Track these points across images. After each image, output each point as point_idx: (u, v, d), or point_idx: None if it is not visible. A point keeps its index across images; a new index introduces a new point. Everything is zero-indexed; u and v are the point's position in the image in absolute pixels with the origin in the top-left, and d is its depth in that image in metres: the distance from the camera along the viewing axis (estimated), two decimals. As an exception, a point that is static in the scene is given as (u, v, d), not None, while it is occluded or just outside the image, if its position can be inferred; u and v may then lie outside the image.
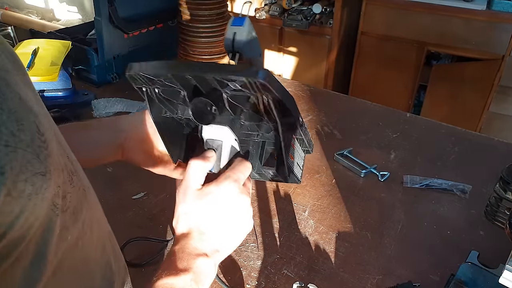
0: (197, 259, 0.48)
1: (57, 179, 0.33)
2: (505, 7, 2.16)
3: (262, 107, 0.49)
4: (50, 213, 0.32)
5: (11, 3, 3.53)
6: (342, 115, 1.34)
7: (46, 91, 1.29)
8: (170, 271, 0.46)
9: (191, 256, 0.48)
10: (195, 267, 0.47)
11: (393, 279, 0.79)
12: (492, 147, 1.19)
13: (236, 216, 0.51)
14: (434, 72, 2.47)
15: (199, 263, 0.48)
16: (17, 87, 0.31)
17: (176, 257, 0.47)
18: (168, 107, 0.55)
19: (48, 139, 0.32)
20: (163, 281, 0.45)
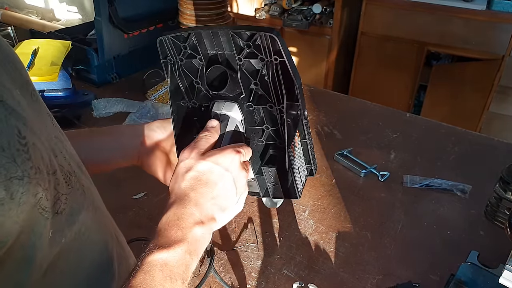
0: (193, 228, 0.46)
1: (42, 182, 0.32)
2: (505, 7, 2.16)
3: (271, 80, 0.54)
4: (37, 216, 0.31)
5: (11, 3, 3.53)
6: (342, 115, 1.34)
7: (46, 91, 1.29)
8: (163, 244, 0.43)
9: (186, 224, 0.46)
10: (191, 236, 0.45)
11: (393, 279, 0.79)
12: (492, 147, 1.19)
13: (234, 186, 0.51)
14: (434, 72, 2.47)
15: (195, 232, 0.46)
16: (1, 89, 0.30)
17: (169, 226, 0.45)
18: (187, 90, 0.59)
19: (31, 142, 0.31)
20: (156, 256, 0.43)
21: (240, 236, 0.90)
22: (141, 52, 1.50)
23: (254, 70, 0.55)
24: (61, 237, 0.36)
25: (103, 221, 0.47)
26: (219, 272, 0.81)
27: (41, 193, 0.32)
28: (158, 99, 1.33)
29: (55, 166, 0.36)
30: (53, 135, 0.40)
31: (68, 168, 0.39)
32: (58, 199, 0.35)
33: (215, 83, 0.55)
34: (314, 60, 2.76)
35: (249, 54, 0.53)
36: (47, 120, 0.41)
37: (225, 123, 0.56)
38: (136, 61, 1.50)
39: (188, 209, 0.46)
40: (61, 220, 0.36)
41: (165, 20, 1.53)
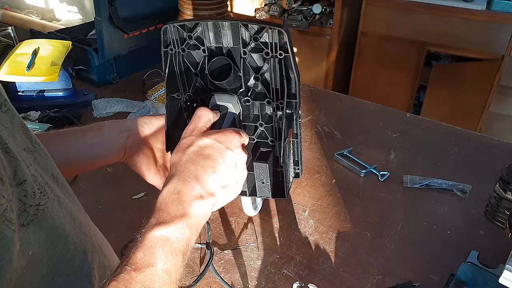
0: (193, 202, 0.46)
1: (5, 193, 0.31)
2: (505, 7, 2.16)
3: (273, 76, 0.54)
4: (3, 228, 0.30)
5: (11, 3, 3.53)
6: (342, 115, 1.34)
7: (46, 91, 1.29)
8: (163, 219, 0.44)
9: (187, 198, 0.46)
10: (191, 211, 0.45)
11: (393, 279, 0.80)
12: (492, 147, 1.19)
13: (235, 164, 0.51)
14: (434, 72, 2.47)
15: (195, 206, 0.46)
16: None
17: (169, 200, 0.45)
18: (184, 82, 0.59)
19: None
20: (156, 232, 0.43)
21: (240, 236, 0.90)
22: (141, 52, 1.50)
23: (256, 66, 0.56)
24: (28, 249, 0.35)
25: (82, 231, 0.46)
26: (219, 272, 0.81)
27: (5, 205, 0.31)
28: (158, 99, 1.33)
29: (24, 177, 0.35)
30: (24, 147, 0.39)
31: (41, 180, 0.38)
32: (24, 210, 0.34)
33: (216, 74, 0.56)
34: (314, 60, 2.76)
35: (254, 48, 0.54)
36: (19, 131, 0.40)
37: (223, 113, 0.57)
38: (136, 61, 1.50)
39: (189, 183, 0.46)
40: (27, 232, 0.35)
41: (165, 20, 1.53)
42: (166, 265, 0.41)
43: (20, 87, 1.27)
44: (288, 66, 0.54)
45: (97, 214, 0.93)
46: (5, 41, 2.58)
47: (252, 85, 0.57)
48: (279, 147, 0.59)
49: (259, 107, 0.59)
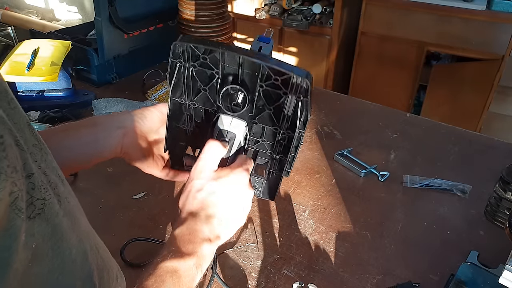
0: (202, 244, 0.49)
1: (18, 182, 0.32)
2: (505, 7, 2.16)
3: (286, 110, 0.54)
4: (13, 216, 0.31)
5: (11, 3, 3.54)
6: (342, 115, 1.34)
7: (46, 91, 1.29)
8: (175, 253, 0.47)
9: (197, 240, 0.49)
10: (200, 251, 0.49)
11: (393, 279, 0.80)
12: (492, 147, 1.19)
13: (241, 205, 0.54)
14: (434, 72, 2.47)
15: (203, 248, 0.49)
16: None
17: (181, 239, 0.49)
18: (189, 91, 0.57)
19: (8, 143, 0.31)
20: (168, 264, 0.46)
21: (240, 236, 0.90)
22: (141, 52, 1.50)
23: (271, 98, 0.54)
24: (32, 242, 0.35)
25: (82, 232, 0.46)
26: (218, 272, 0.81)
27: (16, 193, 0.31)
28: (158, 99, 1.33)
29: (32, 170, 0.35)
30: (31, 144, 0.40)
31: (42, 177, 0.38)
32: (31, 203, 0.34)
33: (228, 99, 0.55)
34: (314, 60, 2.76)
35: (272, 84, 0.53)
36: (26, 128, 0.40)
37: (231, 143, 0.56)
38: (136, 61, 1.50)
39: (199, 227, 0.50)
40: (33, 225, 0.35)
41: (165, 20, 1.53)
42: None
43: (20, 87, 1.27)
44: (303, 107, 0.53)
45: (97, 214, 0.93)
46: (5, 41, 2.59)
47: (263, 111, 0.56)
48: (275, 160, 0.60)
49: (265, 127, 0.58)
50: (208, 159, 0.53)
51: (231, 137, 0.57)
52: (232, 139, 0.57)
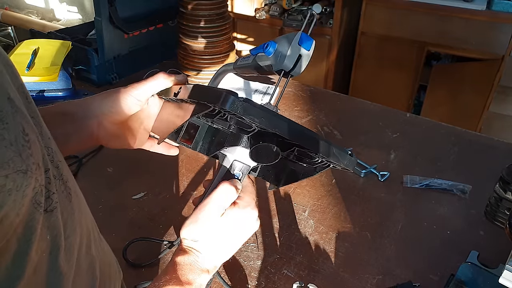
0: (201, 275, 0.51)
1: (39, 177, 0.33)
2: (505, 7, 2.16)
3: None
4: (32, 210, 0.32)
5: (11, 3, 3.53)
6: (342, 115, 1.34)
7: (46, 91, 1.29)
8: (175, 281, 0.49)
9: (196, 271, 0.51)
10: (198, 281, 0.51)
11: (393, 279, 0.80)
12: (492, 147, 1.19)
13: (244, 238, 0.55)
14: (434, 72, 2.47)
15: (201, 279, 0.51)
16: (8, 87, 0.32)
17: (183, 267, 0.50)
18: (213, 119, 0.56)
19: (32, 140, 0.32)
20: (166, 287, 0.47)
21: (240, 236, 0.90)
22: (141, 52, 1.50)
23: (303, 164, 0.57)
24: (47, 234, 0.37)
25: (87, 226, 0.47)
26: (219, 271, 0.81)
27: (37, 188, 0.33)
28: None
29: (48, 165, 0.37)
30: (47, 137, 0.40)
31: (54, 172, 0.39)
32: (49, 197, 0.36)
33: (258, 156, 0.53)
34: (314, 60, 2.74)
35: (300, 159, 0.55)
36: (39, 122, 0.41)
37: (244, 174, 0.56)
38: (136, 61, 1.50)
39: (201, 259, 0.52)
40: (49, 217, 0.36)
41: (165, 20, 1.53)
42: None
43: (20, 87, 1.27)
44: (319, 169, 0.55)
45: (97, 214, 0.92)
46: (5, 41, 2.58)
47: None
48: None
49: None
50: (219, 203, 0.52)
51: (245, 169, 0.56)
52: (246, 170, 0.56)
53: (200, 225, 0.52)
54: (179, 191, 1.01)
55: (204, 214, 0.52)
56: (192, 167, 1.08)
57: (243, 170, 0.55)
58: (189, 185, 1.03)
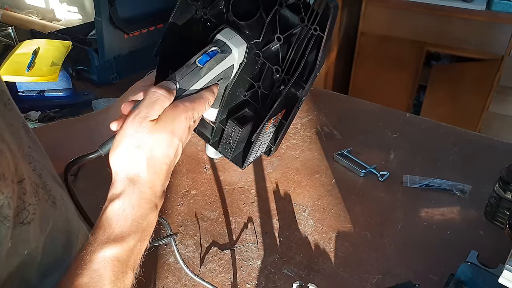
0: (148, 215, 0.42)
1: (5, 189, 0.31)
2: (505, 7, 2.16)
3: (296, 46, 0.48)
4: None
5: (11, 3, 3.53)
6: (342, 115, 1.34)
7: (47, 91, 1.29)
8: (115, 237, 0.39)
9: (142, 212, 0.41)
10: (146, 224, 0.42)
11: (393, 279, 0.80)
12: (492, 147, 1.19)
13: (180, 151, 0.46)
14: (433, 72, 2.47)
15: (149, 218, 0.42)
16: None
17: (121, 217, 0.41)
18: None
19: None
20: (105, 252, 0.39)
21: (240, 236, 0.90)
22: (141, 52, 1.50)
23: (286, 25, 0.48)
24: (24, 248, 0.34)
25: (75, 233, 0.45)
26: (219, 271, 0.82)
27: (2, 201, 0.30)
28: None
29: (23, 175, 0.34)
30: (26, 146, 0.39)
31: (36, 180, 0.37)
32: (24, 208, 0.34)
33: (240, 10, 0.48)
34: (314, 60, 2.75)
35: (293, 6, 0.47)
36: (21, 130, 0.40)
37: (224, 55, 0.49)
38: (137, 61, 1.50)
39: (144, 195, 0.42)
40: (27, 230, 0.34)
41: (165, 20, 1.52)
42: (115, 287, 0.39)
43: (20, 87, 1.27)
44: (316, 46, 0.47)
45: (97, 214, 0.92)
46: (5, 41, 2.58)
47: (271, 42, 0.50)
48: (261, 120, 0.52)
49: (265, 68, 0.52)
50: (148, 108, 0.43)
51: (225, 50, 0.49)
52: (226, 53, 0.49)
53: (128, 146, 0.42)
54: (179, 191, 1.01)
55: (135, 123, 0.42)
56: (192, 167, 1.09)
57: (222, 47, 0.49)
58: (189, 185, 1.03)
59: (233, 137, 0.53)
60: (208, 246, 0.88)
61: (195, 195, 1.00)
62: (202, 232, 0.91)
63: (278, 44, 0.49)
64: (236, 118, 0.53)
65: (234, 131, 0.53)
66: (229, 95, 0.53)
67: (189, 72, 0.48)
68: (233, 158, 0.56)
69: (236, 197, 1.00)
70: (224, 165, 1.08)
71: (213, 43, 0.50)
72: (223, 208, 0.97)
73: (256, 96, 0.54)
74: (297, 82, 0.50)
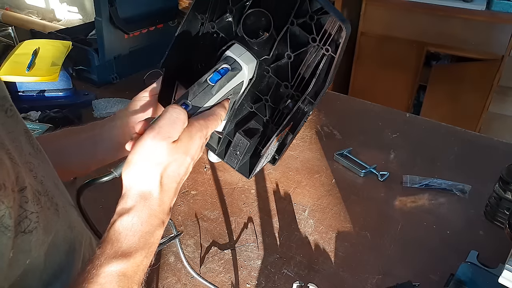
0: (156, 231, 0.42)
1: (5, 199, 0.31)
2: (505, 7, 2.16)
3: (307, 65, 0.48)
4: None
5: (11, 3, 3.53)
6: (342, 115, 1.34)
7: (47, 91, 1.29)
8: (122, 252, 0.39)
9: (150, 229, 0.42)
10: (152, 240, 0.42)
11: (393, 279, 0.80)
12: (492, 147, 1.19)
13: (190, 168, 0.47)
14: (433, 73, 2.47)
15: (156, 235, 0.43)
16: None
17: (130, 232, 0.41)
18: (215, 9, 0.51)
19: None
20: (112, 267, 0.38)
21: (240, 236, 0.90)
22: (141, 52, 1.50)
23: (296, 43, 0.48)
24: (25, 258, 0.34)
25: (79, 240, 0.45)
26: (219, 271, 0.82)
27: (3, 211, 0.30)
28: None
29: (25, 183, 0.34)
30: (27, 153, 0.38)
31: (38, 187, 0.37)
32: (26, 217, 0.33)
33: (250, 26, 0.48)
34: (314, 60, 2.75)
35: (304, 25, 0.47)
36: (22, 137, 0.39)
37: (234, 73, 0.50)
38: (137, 61, 1.50)
39: (153, 212, 0.42)
40: (29, 239, 0.34)
41: (165, 20, 1.53)
42: None
43: (21, 87, 1.27)
44: (327, 66, 0.47)
45: (97, 214, 0.92)
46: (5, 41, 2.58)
47: (281, 58, 0.50)
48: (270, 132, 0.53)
49: (274, 83, 0.52)
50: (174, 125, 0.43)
51: (236, 68, 0.50)
52: (237, 71, 0.50)
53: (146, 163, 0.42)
54: (179, 191, 1.01)
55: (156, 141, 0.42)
56: (192, 167, 1.08)
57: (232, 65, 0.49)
58: (189, 185, 1.03)
59: (240, 149, 0.54)
60: (208, 246, 0.88)
61: (195, 195, 1.00)
62: (202, 232, 0.91)
63: (289, 61, 0.50)
64: (244, 131, 0.53)
65: (242, 144, 0.53)
66: (237, 108, 0.54)
67: (201, 90, 0.48)
68: (239, 168, 0.57)
69: (236, 197, 1.00)
70: (224, 165, 1.08)
71: (222, 60, 0.50)
72: (223, 208, 0.97)
73: (263, 109, 0.54)
74: (306, 98, 0.50)
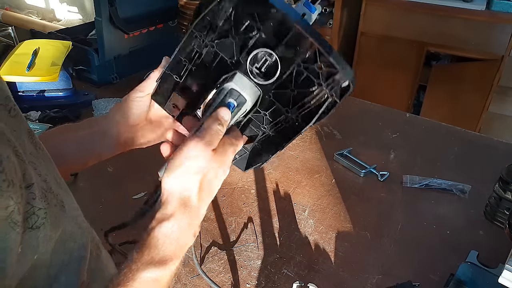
0: (190, 242, 0.44)
1: (14, 195, 0.31)
2: (505, 7, 2.16)
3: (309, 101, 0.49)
4: (8, 230, 0.31)
5: (11, 3, 3.53)
6: (342, 115, 1.34)
7: (47, 91, 1.29)
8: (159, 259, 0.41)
9: (186, 241, 0.43)
10: (185, 250, 0.44)
11: (393, 279, 0.80)
12: (491, 147, 1.19)
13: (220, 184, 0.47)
14: (433, 73, 2.47)
15: (189, 245, 0.44)
16: None
17: (168, 239, 0.42)
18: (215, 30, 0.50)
19: (5, 155, 0.31)
20: (148, 273, 0.40)
21: (240, 236, 0.90)
22: (141, 52, 1.50)
23: (302, 82, 0.48)
24: (33, 253, 0.34)
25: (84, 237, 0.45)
26: (219, 271, 0.82)
27: (12, 207, 0.31)
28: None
29: (32, 180, 0.35)
30: (29, 152, 0.39)
31: (43, 185, 0.38)
32: (33, 213, 0.34)
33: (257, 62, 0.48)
34: (314, 60, 2.75)
35: (311, 70, 0.47)
36: (25, 136, 0.40)
37: (239, 108, 0.50)
38: (136, 61, 1.50)
39: (191, 220, 0.43)
40: (36, 235, 0.34)
41: (165, 20, 1.53)
42: None
43: (21, 87, 1.27)
44: (329, 107, 0.48)
45: (97, 214, 0.93)
46: (5, 41, 2.58)
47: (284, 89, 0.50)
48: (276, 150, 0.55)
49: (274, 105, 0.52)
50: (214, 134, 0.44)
51: (241, 103, 0.49)
52: (241, 105, 0.49)
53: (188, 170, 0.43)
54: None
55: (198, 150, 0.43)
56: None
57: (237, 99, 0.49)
58: (189, 185, 1.03)
59: (239, 153, 0.56)
60: (208, 246, 0.88)
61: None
62: (202, 232, 0.91)
63: (293, 93, 0.50)
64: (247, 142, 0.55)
65: (241, 151, 0.55)
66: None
67: None
68: (236, 161, 0.58)
69: (236, 197, 1.00)
70: (224, 165, 1.08)
71: (228, 93, 0.50)
72: (223, 208, 0.97)
73: (261, 119, 0.55)
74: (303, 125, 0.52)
